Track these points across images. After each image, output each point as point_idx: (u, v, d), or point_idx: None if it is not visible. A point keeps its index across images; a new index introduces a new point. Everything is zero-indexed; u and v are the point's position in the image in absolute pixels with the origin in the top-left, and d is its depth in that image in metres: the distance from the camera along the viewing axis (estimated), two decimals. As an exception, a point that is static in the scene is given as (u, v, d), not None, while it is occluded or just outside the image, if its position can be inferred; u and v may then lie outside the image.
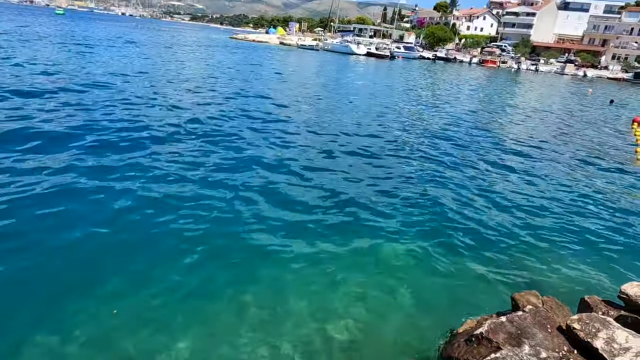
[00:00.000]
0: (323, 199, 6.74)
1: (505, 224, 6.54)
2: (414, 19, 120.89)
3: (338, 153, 9.36)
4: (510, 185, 8.45)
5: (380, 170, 8.51)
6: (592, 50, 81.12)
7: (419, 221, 6.37)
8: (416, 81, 30.46)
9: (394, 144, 10.75)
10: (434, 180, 8.28)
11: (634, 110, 25.02)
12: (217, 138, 9.41)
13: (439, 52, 71.57)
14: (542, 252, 5.78)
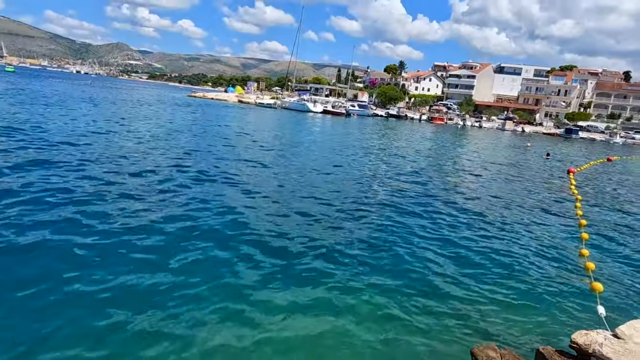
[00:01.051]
0: (279, 250, 6.61)
1: (458, 275, 6.65)
2: (366, 79, 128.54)
3: (296, 204, 9.34)
4: (461, 235, 8.71)
5: (336, 220, 8.54)
6: (527, 109, 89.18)
7: (375, 272, 6.34)
8: (372, 136, 31.78)
9: (354, 195, 10.92)
10: (389, 229, 8.40)
11: (568, 162, 27.23)
12: (172, 195, 9.16)
13: (391, 110, 75.83)
14: (496, 302, 5.87)
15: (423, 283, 6.22)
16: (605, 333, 3.58)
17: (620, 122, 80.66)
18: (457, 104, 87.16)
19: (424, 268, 6.75)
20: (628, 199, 15.74)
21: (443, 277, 6.54)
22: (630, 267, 7.89)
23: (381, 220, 9.18)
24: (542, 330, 5.23)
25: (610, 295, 6.43)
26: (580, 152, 39.02)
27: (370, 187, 12.70)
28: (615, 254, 8.60)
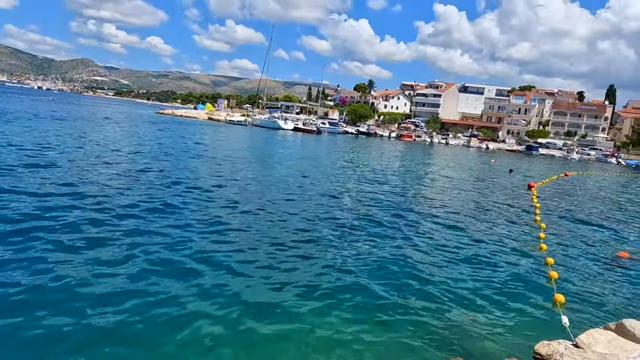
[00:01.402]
0: (247, 271, 6.45)
1: (424, 288, 6.69)
2: (336, 97, 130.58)
3: (266, 223, 9.21)
4: (430, 248, 8.81)
5: (305, 239, 8.46)
6: (490, 126, 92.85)
7: (339, 287, 6.29)
8: (343, 153, 32.10)
9: (326, 210, 10.89)
10: (357, 244, 8.39)
11: (530, 177, 28.37)
12: (137, 213, 8.83)
13: (361, 127, 77.10)
14: (462, 314, 5.91)
15: (389, 297, 6.22)
16: (566, 343, 3.66)
17: (576, 140, 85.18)
18: (425, 122, 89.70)
19: (389, 282, 6.77)
20: (585, 210, 16.48)
21: (409, 291, 6.57)
22: (590, 275, 8.19)
23: (351, 236, 9.17)
24: (508, 341, 5.30)
25: (574, 304, 6.62)
26: (540, 168, 40.78)
27: (342, 202, 12.73)
28: (576, 263, 8.91)
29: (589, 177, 35.99)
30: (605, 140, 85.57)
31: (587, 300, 6.92)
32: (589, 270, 8.55)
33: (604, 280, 8.06)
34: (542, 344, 3.56)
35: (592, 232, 12.43)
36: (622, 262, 9.46)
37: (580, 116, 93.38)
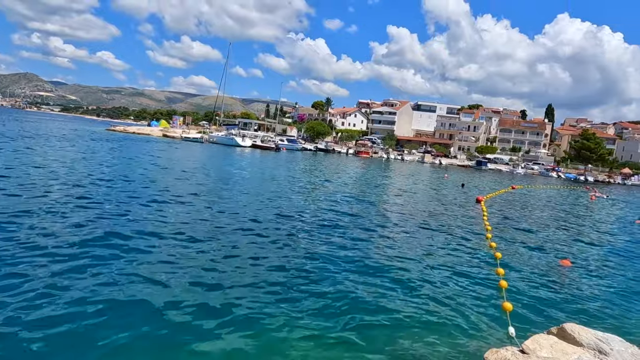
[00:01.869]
0: (195, 290, 6.23)
1: (378, 301, 6.80)
2: (294, 114, 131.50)
3: (224, 241, 8.98)
4: (384, 260, 8.94)
5: (262, 252, 8.33)
6: (443, 143, 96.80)
7: (294, 304, 6.23)
8: (302, 170, 32.16)
9: (284, 227, 10.78)
10: (314, 260, 8.36)
11: (480, 190, 29.72)
12: (87, 236, 8.33)
13: (319, 144, 77.87)
14: (415, 326, 6.02)
15: (343, 311, 6.26)
16: (514, 349, 3.80)
17: (520, 155, 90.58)
18: (381, 139, 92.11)
19: (343, 297, 6.81)
20: (530, 222, 17.44)
21: (362, 301, 6.68)
22: (536, 283, 8.62)
23: (310, 249, 9.13)
24: (459, 350, 5.43)
25: (522, 311, 6.92)
26: (490, 182, 42.87)
27: (302, 217, 12.69)
28: (523, 272, 9.35)
29: (534, 190, 38.25)
30: (546, 155, 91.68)
31: (534, 307, 7.27)
32: (535, 279, 9.00)
33: (548, 287, 8.51)
34: (490, 351, 3.68)
35: (537, 242, 13.14)
36: (565, 270, 10.05)
37: (523, 133, 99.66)
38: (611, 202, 34.30)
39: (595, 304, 7.80)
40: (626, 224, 20.99)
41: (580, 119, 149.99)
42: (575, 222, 19.57)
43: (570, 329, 4.24)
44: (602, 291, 8.67)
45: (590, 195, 36.86)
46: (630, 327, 6.89)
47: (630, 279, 9.96)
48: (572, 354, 3.66)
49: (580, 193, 40.24)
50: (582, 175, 72.92)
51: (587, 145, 79.09)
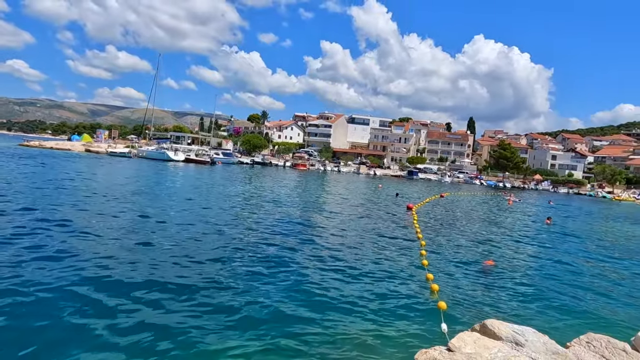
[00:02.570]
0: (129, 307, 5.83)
1: (314, 305, 6.93)
2: (230, 128, 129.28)
3: (155, 261, 8.49)
4: (322, 268, 9.04)
5: (196, 270, 8.01)
6: (376, 154, 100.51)
7: (230, 320, 6.08)
8: (239, 183, 31.53)
9: (218, 244, 10.45)
10: (249, 275, 8.22)
11: (411, 199, 31.19)
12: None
13: (256, 157, 77.14)
14: (352, 332, 6.15)
15: (277, 319, 6.29)
16: (441, 348, 4.01)
17: (447, 164, 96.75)
18: (318, 151, 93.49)
19: (276, 306, 6.85)
20: (457, 226, 18.63)
21: (301, 307, 6.76)
22: (463, 282, 9.20)
23: (248, 262, 8.96)
24: (394, 352, 5.63)
25: (452, 311, 7.32)
26: (421, 190, 45.17)
27: (240, 230, 12.40)
28: (452, 274, 9.93)
29: (460, 197, 40.95)
30: (470, 165, 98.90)
31: (462, 306, 7.74)
32: (462, 279, 9.60)
33: (474, 286, 9.12)
34: (421, 352, 3.86)
35: (464, 245, 14.05)
36: (488, 270, 10.83)
37: (449, 144, 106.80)
38: (525, 205, 37.72)
39: (513, 300, 8.49)
40: (538, 224, 23.24)
41: (497, 131, 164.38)
42: (496, 224, 21.24)
43: (491, 324, 4.57)
44: (520, 287, 9.47)
45: (507, 200, 40.28)
46: (542, 318, 7.58)
47: (543, 274, 10.99)
48: (493, 348, 3.94)
49: (499, 198, 43.76)
50: (501, 182, 79.61)
51: (504, 155, 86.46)
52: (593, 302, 8.86)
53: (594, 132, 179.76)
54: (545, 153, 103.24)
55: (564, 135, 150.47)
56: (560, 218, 28.37)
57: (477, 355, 3.73)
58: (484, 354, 3.81)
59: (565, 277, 10.88)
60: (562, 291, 9.51)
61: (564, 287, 9.86)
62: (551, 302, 8.61)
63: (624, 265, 13.40)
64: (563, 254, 14.26)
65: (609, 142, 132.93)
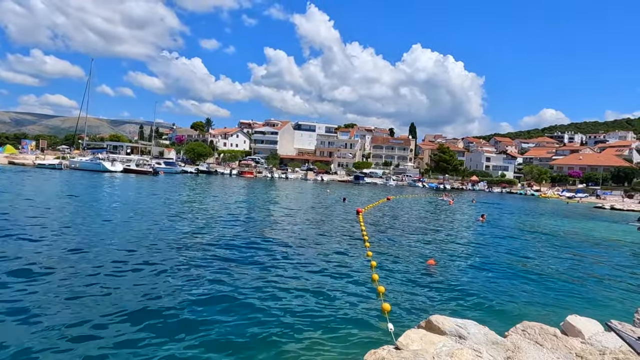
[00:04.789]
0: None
1: (264, 312, 6.84)
2: (172, 136, 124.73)
3: (93, 282, 7.88)
4: (272, 273, 8.91)
5: (143, 287, 7.56)
6: (323, 160, 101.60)
7: (175, 333, 5.80)
8: (183, 193, 30.34)
9: (163, 257, 9.93)
10: (199, 284, 7.91)
11: (358, 203, 31.80)
12: None
13: (200, 166, 74.85)
14: (300, 336, 6.12)
15: (228, 327, 6.09)
16: (389, 347, 4.07)
17: (392, 168, 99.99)
18: (265, 158, 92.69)
19: (224, 314, 6.72)
20: (402, 227, 19.23)
21: (250, 315, 6.70)
22: (408, 283, 9.46)
23: (195, 273, 8.60)
24: (344, 354, 5.65)
25: (398, 311, 7.50)
26: (368, 195, 46.19)
27: (184, 242, 11.88)
28: (397, 274, 10.20)
29: (405, 199, 42.39)
30: (413, 168, 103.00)
31: (409, 305, 7.96)
32: (407, 279, 9.89)
33: (419, 285, 9.42)
34: (370, 352, 3.89)
35: (408, 246, 14.52)
36: (431, 268, 11.25)
37: (393, 149, 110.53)
38: (463, 204, 39.86)
39: (456, 295, 8.89)
40: (473, 222, 24.67)
41: (437, 135, 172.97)
42: (437, 224, 22.22)
43: (435, 320, 4.72)
44: (461, 283, 9.93)
45: (448, 201, 42.36)
46: (482, 311, 7.99)
47: (481, 269, 11.62)
48: (438, 343, 4.07)
49: (440, 199, 45.86)
50: (441, 184, 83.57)
51: (444, 158, 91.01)
52: (526, 292, 9.49)
53: (522, 135, 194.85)
54: (480, 155, 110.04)
55: (496, 139, 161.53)
56: (493, 216, 30.28)
57: (424, 351, 3.82)
58: (430, 349, 3.92)
59: (500, 270, 11.59)
60: (498, 284, 10.10)
61: (500, 280, 10.49)
62: (489, 294, 9.11)
63: (551, 256, 14.53)
64: (497, 249, 15.21)
65: (535, 144, 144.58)
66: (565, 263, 13.40)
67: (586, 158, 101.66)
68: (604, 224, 29.58)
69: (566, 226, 26.24)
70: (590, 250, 16.66)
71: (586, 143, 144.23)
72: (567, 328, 5.30)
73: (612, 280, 11.27)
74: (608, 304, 9.00)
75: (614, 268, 13.08)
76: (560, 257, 14.53)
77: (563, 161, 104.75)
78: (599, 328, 5.37)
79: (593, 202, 57.39)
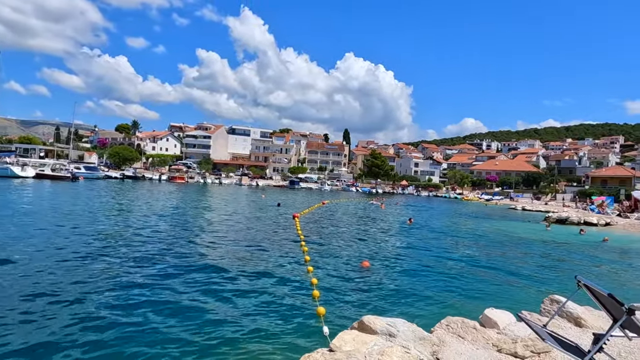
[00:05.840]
0: None
1: (197, 318, 6.62)
2: (94, 139, 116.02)
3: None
4: (205, 282, 8.63)
5: (62, 301, 6.90)
6: (258, 165, 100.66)
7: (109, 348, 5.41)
8: (105, 201, 28.21)
9: (86, 272, 9.13)
10: (130, 291, 7.42)
11: (293, 208, 31.90)
12: None
13: (126, 171, 70.37)
14: (237, 341, 6.00)
15: (163, 334, 5.76)
16: (323, 350, 4.13)
17: (326, 173, 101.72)
18: (197, 163, 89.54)
19: (158, 322, 6.37)
20: (337, 231, 19.62)
21: (182, 324, 6.41)
22: (344, 285, 9.66)
23: (122, 284, 8.03)
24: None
25: (333, 313, 7.62)
26: (303, 199, 46.48)
27: (107, 257, 11.03)
28: (333, 277, 10.37)
29: (339, 204, 43.28)
30: (346, 173, 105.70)
31: (344, 307, 8.13)
32: (342, 281, 10.10)
33: (353, 287, 9.66)
34: (305, 356, 3.91)
35: (343, 249, 14.84)
36: (365, 270, 11.59)
37: (327, 154, 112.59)
38: (394, 208, 41.69)
39: (387, 295, 9.25)
40: (403, 224, 25.91)
41: (369, 141, 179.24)
42: (370, 227, 22.99)
43: (367, 320, 4.88)
44: (392, 283, 10.36)
45: (380, 205, 44.02)
46: (411, 309, 8.40)
47: (409, 269, 12.22)
48: (370, 342, 4.21)
49: (372, 203, 47.51)
50: (374, 188, 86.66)
51: (376, 163, 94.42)
52: (451, 289, 10.15)
53: (446, 142, 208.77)
54: (410, 161, 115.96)
55: (423, 145, 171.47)
56: (421, 217, 32.02)
57: (356, 351, 3.93)
58: (362, 349, 4.03)
59: (427, 270, 12.27)
60: (426, 282, 10.69)
61: (427, 279, 11.11)
62: (418, 293, 9.60)
63: (472, 254, 15.68)
64: (424, 249, 16.12)
65: (458, 151, 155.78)
66: (485, 260, 14.53)
67: (501, 164, 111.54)
68: (517, 224, 32.57)
69: (485, 226, 28.48)
70: (506, 248, 18.24)
71: (501, 150, 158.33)
72: (485, 320, 5.76)
73: (525, 274, 12.44)
74: (521, 296, 9.90)
75: (526, 263, 14.45)
76: (480, 254, 15.73)
77: (482, 166, 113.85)
78: (512, 319, 5.90)
79: (508, 204, 62.94)
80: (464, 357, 4.42)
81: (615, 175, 74.77)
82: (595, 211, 44.05)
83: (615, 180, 72.61)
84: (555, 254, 17.12)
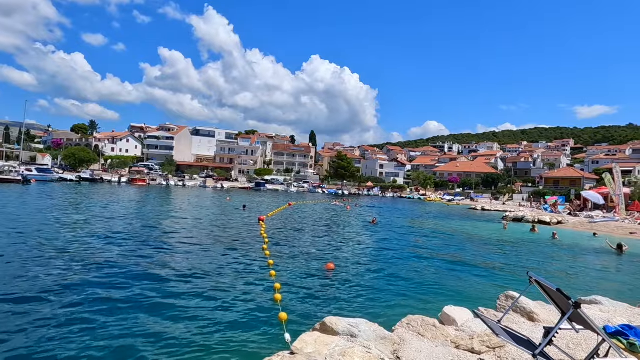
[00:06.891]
0: None
1: (162, 323, 6.30)
2: (47, 139, 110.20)
3: None
4: (168, 288, 8.36)
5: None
6: (224, 167, 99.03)
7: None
8: (59, 205, 26.77)
9: (37, 282, 8.59)
10: (91, 299, 7.07)
11: (259, 211, 31.57)
12: None
13: (83, 173, 67.28)
14: (201, 346, 5.84)
15: (124, 341, 5.51)
16: (284, 353, 4.08)
17: (293, 175, 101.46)
18: (159, 165, 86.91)
19: (119, 329, 6.05)
20: (303, 233, 19.58)
21: (145, 330, 6.12)
22: (308, 288, 9.64)
23: (81, 292, 7.62)
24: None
25: (297, 318, 7.57)
26: (269, 201, 46.11)
27: (58, 266, 10.45)
28: (297, 280, 10.33)
29: (306, 205, 43.26)
30: (313, 175, 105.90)
31: (308, 309, 8.10)
32: (307, 284, 10.06)
33: (318, 290, 9.65)
34: (275, 357, 3.85)
35: (308, 251, 14.81)
36: (329, 273, 11.62)
37: (294, 156, 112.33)
38: (359, 209, 42.16)
39: (350, 296, 9.31)
40: (366, 225, 26.26)
41: (336, 143, 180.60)
42: (335, 229, 23.11)
43: (329, 321, 4.88)
44: (354, 284, 10.44)
45: (345, 206, 44.38)
46: (373, 309, 8.49)
47: (372, 270, 12.37)
48: (331, 344, 4.20)
49: (338, 205, 47.84)
50: (340, 189, 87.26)
51: (342, 165, 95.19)
52: (412, 287, 10.35)
53: (410, 144, 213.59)
54: (375, 163, 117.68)
55: (388, 147, 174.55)
56: (385, 218, 32.56)
57: (317, 353, 3.91)
58: (324, 350, 4.02)
59: (389, 270, 12.47)
60: (388, 281, 10.86)
61: (390, 278, 11.29)
62: (380, 293, 9.73)
63: (433, 253, 16.09)
64: (387, 250, 16.39)
65: (421, 153, 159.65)
66: (445, 259, 14.94)
67: (462, 165, 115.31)
68: (477, 223, 33.76)
69: (446, 226, 29.32)
70: (466, 246, 18.84)
71: (462, 152, 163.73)
72: (444, 318, 5.89)
73: (483, 271, 12.89)
74: (480, 293, 10.24)
75: (485, 261, 14.98)
76: (441, 253, 16.16)
77: (444, 168, 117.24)
78: (470, 315, 6.08)
79: (468, 204, 65.14)
80: (424, 355, 4.50)
81: (567, 176, 79.07)
82: (548, 210, 46.43)
83: (566, 181, 76.78)
84: (511, 252, 17.87)
